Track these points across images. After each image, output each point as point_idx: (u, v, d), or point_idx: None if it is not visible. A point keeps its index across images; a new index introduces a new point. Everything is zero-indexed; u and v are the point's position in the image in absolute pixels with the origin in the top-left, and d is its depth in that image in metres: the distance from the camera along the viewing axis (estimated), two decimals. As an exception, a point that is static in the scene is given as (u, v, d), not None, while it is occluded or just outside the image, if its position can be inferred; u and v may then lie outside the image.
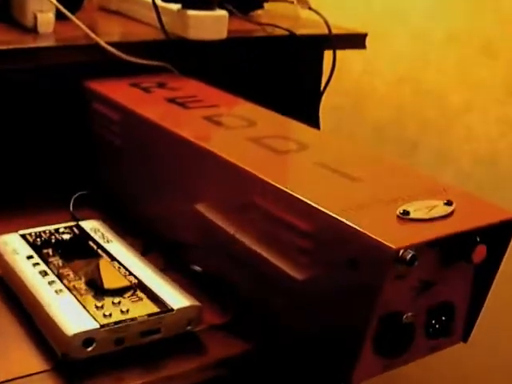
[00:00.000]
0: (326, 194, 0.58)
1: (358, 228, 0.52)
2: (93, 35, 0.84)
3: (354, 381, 0.56)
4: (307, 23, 1.07)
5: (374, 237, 0.51)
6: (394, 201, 0.57)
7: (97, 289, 0.60)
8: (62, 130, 0.86)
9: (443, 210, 0.57)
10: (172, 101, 0.78)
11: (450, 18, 1.31)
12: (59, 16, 0.87)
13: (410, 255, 0.53)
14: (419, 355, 0.61)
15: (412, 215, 0.55)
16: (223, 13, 0.90)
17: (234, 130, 0.71)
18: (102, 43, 0.84)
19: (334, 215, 0.54)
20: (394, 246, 0.50)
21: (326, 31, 1.01)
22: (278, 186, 0.59)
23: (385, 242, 0.51)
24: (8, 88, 0.84)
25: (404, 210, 0.55)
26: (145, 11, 0.93)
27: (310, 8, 1.04)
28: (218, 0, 0.90)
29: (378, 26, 1.39)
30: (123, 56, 0.85)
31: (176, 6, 0.90)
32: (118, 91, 0.81)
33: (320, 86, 1.04)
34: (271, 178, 0.60)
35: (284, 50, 0.98)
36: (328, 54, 1.04)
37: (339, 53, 1.35)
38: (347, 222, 0.53)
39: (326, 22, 1.01)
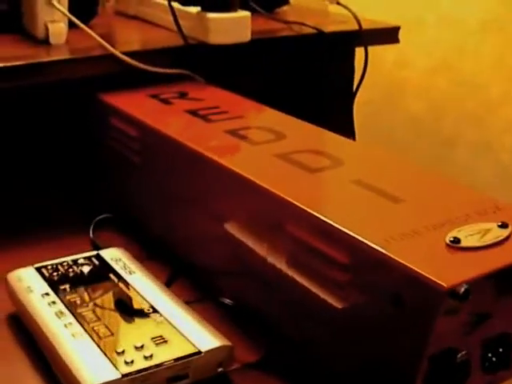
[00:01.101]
0: (364, 220, 0.52)
1: (404, 262, 0.46)
2: (107, 45, 0.78)
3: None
4: (336, 18, 1.01)
5: (422, 272, 0.45)
6: (442, 225, 0.51)
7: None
8: (79, 148, 0.81)
9: (498, 234, 0.51)
10: (193, 113, 0.73)
11: (483, 4, 1.24)
12: (73, 24, 0.82)
13: (463, 289, 0.47)
14: (475, 392, 0.55)
15: (463, 243, 0.49)
16: (246, 14, 0.84)
17: (261, 146, 0.65)
18: (118, 53, 0.78)
19: (375, 246, 0.48)
20: (445, 284, 0.44)
21: (355, 27, 0.94)
22: (311, 211, 0.53)
23: (435, 279, 0.45)
24: (21, 104, 0.79)
25: (454, 238, 0.49)
26: (164, 15, 0.87)
27: (337, 3, 0.98)
28: (239, 0, 0.84)
29: (409, 15, 1.33)
30: (141, 66, 0.80)
31: (195, 9, 0.84)
32: (136, 104, 0.76)
33: (352, 85, 0.98)
34: (303, 203, 0.54)
35: (312, 49, 0.92)
36: (360, 49, 0.98)
37: (370, 45, 1.28)
38: (390, 255, 0.47)
39: (356, 17, 0.95)
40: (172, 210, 0.71)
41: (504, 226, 0.51)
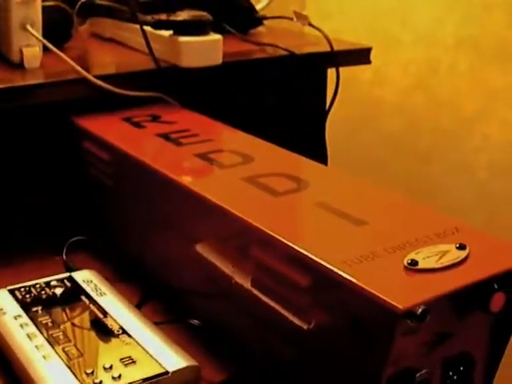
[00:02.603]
0: (325, 242, 0.54)
1: (361, 284, 0.48)
2: (81, 70, 0.80)
3: None
4: (310, 40, 1.03)
5: (378, 294, 0.47)
6: (401, 247, 0.53)
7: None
8: (53, 171, 0.82)
9: (456, 255, 0.52)
10: (165, 137, 0.74)
11: (458, 22, 1.26)
12: (47, 48, 0.83)
13: (420, 310, 0.49)
14: (436, 409, 0.56)
15: (421, 265, 0.50)
16: (217, 37, 0.86)
17: (229, 169, 0.67)
18: (91, 77, 0.80)
19: (333, 269, 0.50)
20: (401, 306, 0.46)
21: (328, 48, 0.96)
22: (274, 234, 0.54)
23: (391, 301, 0.46)
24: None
25: (412, 260, 0.50)
26: (138, 38, 0.88)
27: (309, 24, 0.99)
28: (211, 24, 0.85)
29: (385, 34, 1.35)
30: (114, 89, 0.81)
31: (168, 33, 0.86)
32: (108, 128, 0.77)
33: (325, 106, 1.00)
34: (266, 226, 0.56)
35: (284, 71, 0.94)
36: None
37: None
38: (348, 277, 0.49)
39: (327, 38, 0.97)
40: (144, 231, 0.72)
41: (462, 247, 0.53)
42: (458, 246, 0.53)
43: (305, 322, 0.54)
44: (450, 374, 0.56)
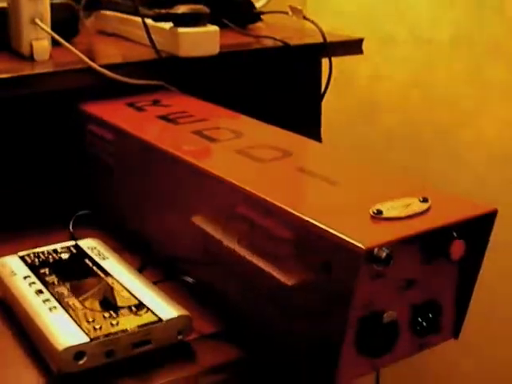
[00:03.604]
0: (302, 198, 0.59)
1: (329, 229, 0.53)
2: (87, 59, 0.86)
3: (340, 381, 0.56)
4: (305, 33, 1.09)
5: (344, 237, 0.52)
6: (370, 202, 0.58)
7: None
8: (60, 153, 0.88)
9: (419, 207, 0.57)
10: (163, 118, 0.80)
11: (454, 20, 1.31)
12: (56, 42, 0.90)
13: (384, 254, 0.54)
14: (408, 353, 0.61)
15: (385, 214, 0.56)
16: (214, 28, 0.92)
17: (221, 143, 0.73)
18: (96, 66, 0.86)
19: (306, 218, 0.55)
20: (363, 246, 0.51)
21: (321, 40, 1.02)
22: (256, 193, 0.60)
23: (354, 242, 0.51)
24: (7, 113, 0.86)
25: (377, 210, 0.56)
26: (140, 32, 0.95)
27: (304, 17, 1.05)
28: (208, 16, 0.91)
29: (383, 32, 1.41)
30: (118, 77, 0.87)
31: (168, 25, 0.92)
32: (112, 112, 0.83)
33: (319, 95, 1.05)
34: (251, 187, 0.61)
35: (278, 60, 0.99)
36: (333, 61, 1.05)
37: (346, 59, 1.36)
38: (318, 224, 0.54)
39: (321, 30, 1.02)
40: (142, 204, 0.78)
41: (425, 200, 0.58)
42: (421, 199, 0.58)
43: (287, 277, 0.59)
44: (419, 319, 0.61)
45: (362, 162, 0.68)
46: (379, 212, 0.56)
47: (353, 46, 1.04)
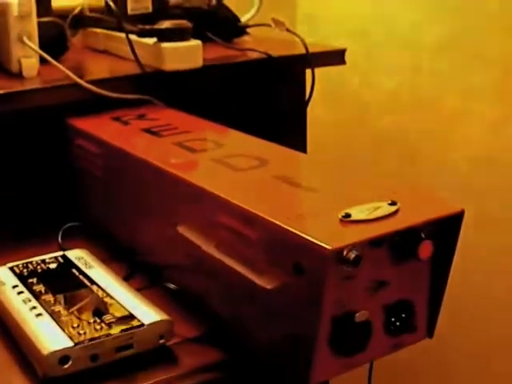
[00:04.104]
0: (275, 204, 0.62)
1: (298, 232, 0.56)
2: (72, 75, 0.88)
3: (312, 381, 0.58)
4: (290, 45, 1.11)
5: (311, 239, 0.54)
6: (341, 206, 0.60)
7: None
8: (49, 166, 0.91)
9: (387, 210, 0.60)
10: (147, 130, 0.83)
11: (438, 25, 1.34)
12: (45, 60, 0.92)
13: (353, 255, 0.56)
14: (382, 352, 0.63)
15: (353, 217, 0.58)
16: (197, 42, 0.94)
17: (200, 153, 0.75)
18: (83, 82, 0.89)
19: (277, 223, 0.57)
20: (329, 247, 0.53)
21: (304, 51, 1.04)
22: (231, 200, 0.62)
23: (321, 244, 0.54)
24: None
25: (346, 213, 0.58)
26: (126, 48, 0.97)
27: (287, 30, 1.08)
28: (191, 31, 0.94)
29: (370, 40, 1.43)
30: (103, 92, 0.90)
31: (152, 40, 0.94)
32: (98, 126, 0.86)
33: (304, 105, 1.08)
34: (226, 194, 0.63)
35: (262, 72, 1.02)
36: (318, 69, 1.07)
37: (334, 68, 1.39)
38: (288, 228, 0.56)
39: (303, 42, 1.05)
40: (128, 215, 0.80)
41: (393, 203, 0.60)
42: (390, 202, 0.61)
43: (265, 282, 0.61)
44: (392, 319, 0.63)
45: (336, 169, 0.70)
46: (347, 215, 0.58)
47: (335, 57, 1.06)
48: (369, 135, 1.49)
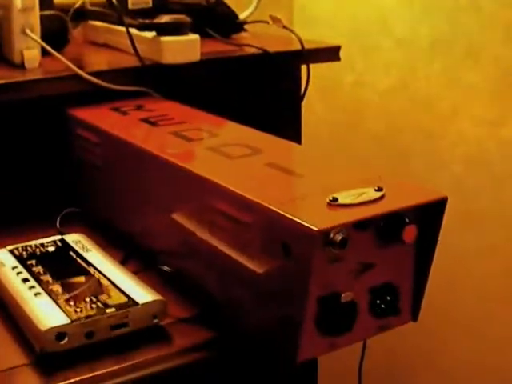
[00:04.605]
0: (266, 189, 0.64)
1: (287, 215, 0.58)
2: (73, 67, 0.91)
3: (299, 359, 0.61)
4: (287, 41, 1.13)
5: (299, 221, 0.57)
6: (329, 192, 0.62)
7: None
8: (50, 155, 0.94)
9: (373, 195, 0.62)
10: (145, 120, 0.85)
11: (432, 26, 1.36)
12: (46, 52, 0.95)
13: (340, 238, 0.59)
14: (367, 333, 0.66)
15: (340, 201, 0.60)
16: (195, 37, 0.97)
17: (196, 142, 0.77)
18: (83, 73, 0.91)
19: (268, 206, 0.60)
20: (316, 228, 0.56)
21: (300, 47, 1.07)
22: (224, 184, 0.65)
23: (309, 225, 0.56)
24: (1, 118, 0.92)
25: (333, 198, 0.60)
26: (125, 41, 0.99)
27: (283, 26, 1.10)
28: (189, 25, 0.97)
29: (366, 40, 1.46)
30: (103, 84, 0.92)
31: (151, 34, 0.97)
32: (98, 116, 0.88)
33: (299, 100, 1.10)
34: (220, 180, 0.66)
35: (258, 67, 1.04)
36: (315, 68, 1.09)
37: (331, 67, 1.41)
38: (278, 210, 0.59)
39: (299, 38, 1.07)
40: (126, 200, 0.83)
41: (379, 189, 0.63)
42: (376, 188, 0.63)
43: (256, 266, 0.63)
44: (378, 302, 0.65)
45: (326, 157, 0.73)
46: (335, 199, 0.60)
47: (330, 53, 1.09)
48: (363, 134, 1.51)
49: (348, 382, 1.00)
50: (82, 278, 0.70)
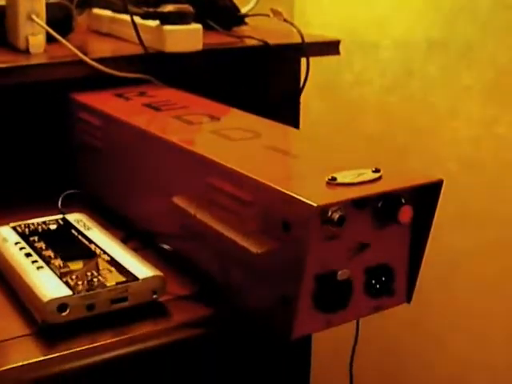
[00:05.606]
0: (265, 168, 0.66)
1: (286, 191, 0.59)
2: (78, 52, 0.92)
3: (295, 335, 0.62)
4: (287, 34, 1.15)
5: (298, 197, 0.58)
6: (327, 172, 0.64)
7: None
8: (52, 138, 0.95)
9: (371, 175, 0.64)
10: (148, 105, 0.87)
11: (428, 26, 1.38)
12: (52, 39, 0.96)
13: (338, 215, 0.60)
14: (362, 312, 0.67)
15: (339, 180, 0.62)
16: (198, 26, 0.99)
17: (198, 125, 0.79)
18: (87, 59, 0.92)
19: (267, 183, 0.61)
20: (315, 204, 0.57)
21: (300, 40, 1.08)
22: (224, 163, 0.66)
23: (308, 201, 0.58)
24: (3, 101, 0.93)
25: (332, 177, 0.62)
26: (129, 30, 1.01)
27: (284, 20, 1.12)
28: (192, 15, 0.98)
29: (364, 40, 1.47)
30: (107, 70, 0.94)
31: (155, 23, 0.99)
32: (100, 100, 0.90)
33: (298, 93, 1.12)
34: (220, 159, 0.67)
35: (259, 59, 1.06)
36: (316, 62, 1.11)
37: (330, 66, 1.43)
38: (278, 188, 0.60)
39: (299, 31, 1.09)
40: (126, 183, 0.84)
41: (377, 171, 0.64)
42: (373, 169, 0.65)
43: (253, 246, 0.65)
44: (373, 282, 0.67)
45: (325, 141, 0.74)
46: (333, 179, 0.62)
47: (330, 47, 1.10)
48: (359, 133, 1.53)
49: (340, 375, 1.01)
50: (83, 255, 0.71)
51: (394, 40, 1.45)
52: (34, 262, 0.69)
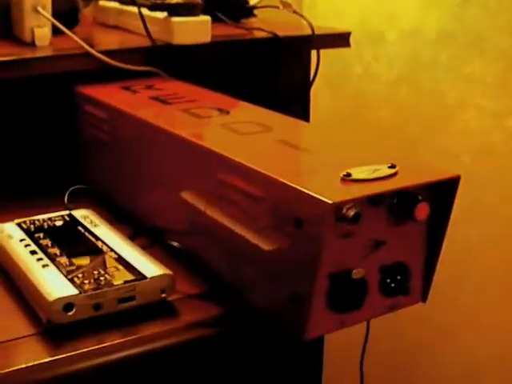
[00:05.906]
0: (278, 164, 0.64)
1: (300, 188, 0.57)
2: (84, 45, 0.91)
3: (308, 336, 0.60)
4: (297, 26, 1.13)
5: (313, 194, 0.56)
6: (342, 167, 0.62)
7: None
8: (58, 131, 0.93)
9: (386, 171, 0.62)
10: (155, 98, 0.85)
11: (438, 18, 1.36)
12: (57, 31, 0.95)
13: (353, 212, 0.58)
14: (376, 312, 0.65)
15: (354, 176, 0.60)
16: (206, 18, 0.97)
17: (207, 119, 0.77)
18: (93, 52, 0.91)
19: (280, 179, 0.59)
20: (330, 201, 0.55)
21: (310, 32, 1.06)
22: (235, 158, 0.64)
23: (322, 198, 0.56)
24: (10, 94, 0.91)
25: (347, 173, 0.60)
26: (136, 22, 0.99)
27: (294, 11, 1.10)
28: (201, 7, 0.96)
29: (374, 32, 1.45)
30: (113, 63, 0.92)
31: (163, 15, 0.97)
32: (107, 93, 0.88)
33: (308, 86, 1.10)
34: (230, 154, 0.65)
35: (268, 51, 1.04)
36: (325, 54, 1.09)
37: (339, 58, 1.41)
38: (290, 184, 0.58)
39: (309, 23, 1.07)
40: (134, 178, 0.82)
41: (393, 166, 0.62)
42: (389, 165, 0.62)
43: (264, 244, 0.63)
44: (388, 281, 0.65)
45: (335, 134, 0.72)
46: (348, 175, 0.60)
47: (340, 39, 1.08)
48: (369, 125, 1.51)
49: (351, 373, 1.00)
50: (89, 252, 0.69)
51: (404, 31, 1.43)
52: (39, 259, 0.68)
